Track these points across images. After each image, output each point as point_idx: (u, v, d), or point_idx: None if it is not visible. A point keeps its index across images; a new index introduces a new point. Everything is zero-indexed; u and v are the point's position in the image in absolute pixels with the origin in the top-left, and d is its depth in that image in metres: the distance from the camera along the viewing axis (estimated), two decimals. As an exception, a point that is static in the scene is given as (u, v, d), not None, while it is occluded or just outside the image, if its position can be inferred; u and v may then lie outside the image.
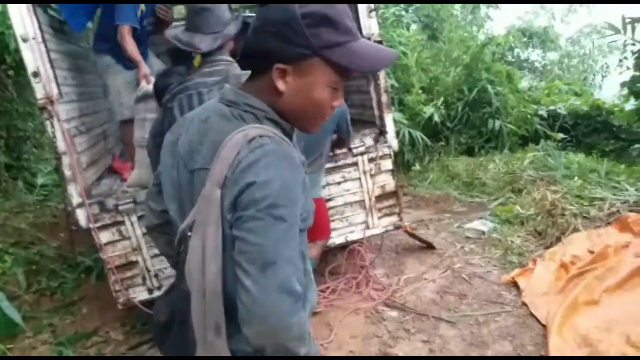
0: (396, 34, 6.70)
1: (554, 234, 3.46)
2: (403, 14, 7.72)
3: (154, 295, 2.77)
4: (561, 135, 6.29)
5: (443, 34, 8.05)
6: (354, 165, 3.03)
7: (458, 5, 9.22)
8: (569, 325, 2.45)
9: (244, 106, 0.98)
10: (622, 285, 2.63)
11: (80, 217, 2.63)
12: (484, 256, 3.51)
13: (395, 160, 3.21)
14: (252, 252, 0.86)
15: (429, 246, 3.67)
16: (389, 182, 3.11)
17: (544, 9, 12.31)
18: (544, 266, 3.07)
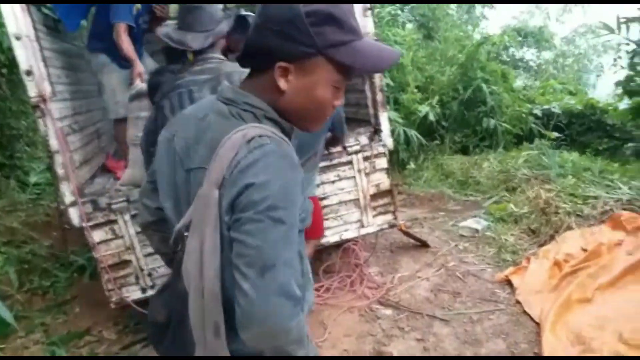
0: (392, 33, 6.69)
1: (548, 232, 3.47)
2: (399, 13, 7.71)
3: (147, 294, 2.76)
4: (555, 134, 6.32)
5: (438, 33, 8.06)
6: (348, 163, 3.02)
7: (453, 4, 9.24)
8: (562, 323, 2.46)
9: (243, 105, 0.97)
10: (615, 283, 2.64)
11: (73, 216, 2.61)
12: (478, 254, 3.52)
13: (390, 158, 3.21)
14: (250, 255, 0.85)
15: (423, 244, 3.68)
16: (383, 180, 3.11)
17: (539, 8, 12.33)
18: (538, 264, 3.08)
